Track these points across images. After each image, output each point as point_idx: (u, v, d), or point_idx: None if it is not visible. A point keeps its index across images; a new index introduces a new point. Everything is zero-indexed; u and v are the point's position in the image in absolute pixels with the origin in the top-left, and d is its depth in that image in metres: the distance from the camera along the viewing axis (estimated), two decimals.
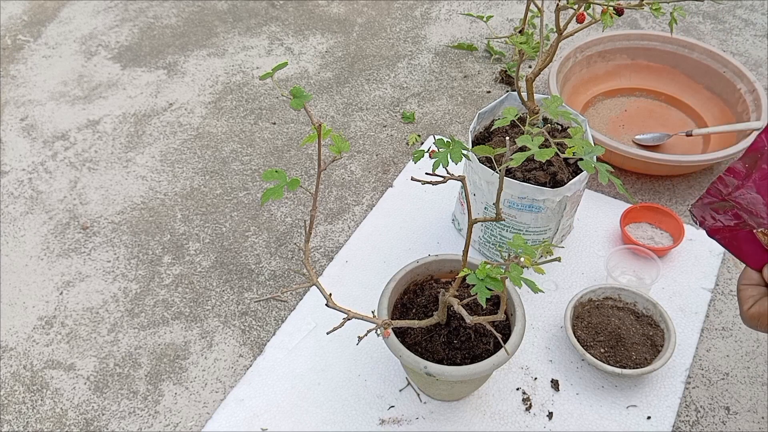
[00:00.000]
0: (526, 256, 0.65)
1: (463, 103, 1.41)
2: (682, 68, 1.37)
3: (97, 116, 1.41)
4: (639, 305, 0.99)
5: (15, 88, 1.48)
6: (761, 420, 0.92)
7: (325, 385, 0.95)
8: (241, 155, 1.31)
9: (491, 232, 1.05)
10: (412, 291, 0.92)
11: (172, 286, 1.09)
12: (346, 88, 1.46)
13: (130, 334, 1.03)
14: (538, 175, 0.98)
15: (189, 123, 1.39)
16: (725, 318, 1.03)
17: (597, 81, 1.39)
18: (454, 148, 0.64)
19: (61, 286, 1.10)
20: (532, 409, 0.92)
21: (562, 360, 0.97)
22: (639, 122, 1.34)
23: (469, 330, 0.86)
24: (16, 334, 1.03)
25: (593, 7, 0.91)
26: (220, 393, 0.96)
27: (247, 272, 1.11)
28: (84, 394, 0.96)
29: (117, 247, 1.15)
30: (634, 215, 1.14)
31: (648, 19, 1.64)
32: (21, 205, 1.23)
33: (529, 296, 1.02)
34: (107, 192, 1.25)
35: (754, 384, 0.96)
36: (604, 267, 1.07)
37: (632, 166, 1.20)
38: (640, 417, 0.91)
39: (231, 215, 1.20)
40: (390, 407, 0.93)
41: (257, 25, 1.65)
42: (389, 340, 0.81)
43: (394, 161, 1.29)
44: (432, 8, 1.69)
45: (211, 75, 1.51)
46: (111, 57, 1.56)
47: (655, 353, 0.94)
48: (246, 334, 1.02)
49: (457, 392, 0.91)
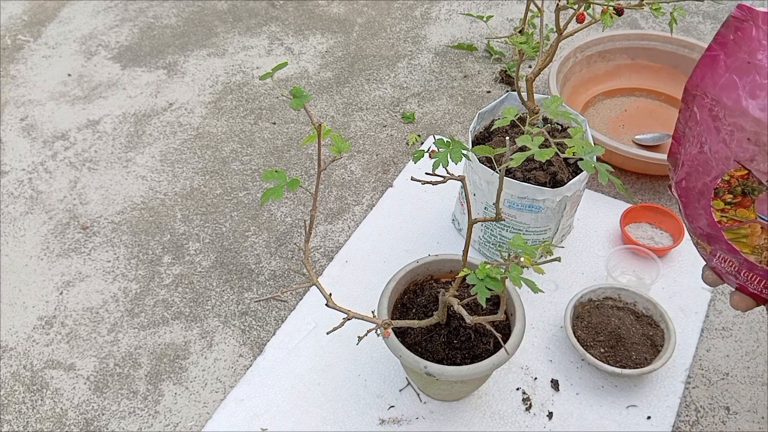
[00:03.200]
0: (526, 256, 0.65)
1: (463, 103, 1.41)
2: (682, 68, 1.36)
3: (97, 116, 1.41)
4: (639, 305, 0.99)
5: (15, 88, 1.48)
6: (761, 420, 0.92)
7: (325, 385, 0.95)
8: (241, 155, 1.31)
9: (491, 232, 1.05)
10: (412, 291, 0.92)
11: (172, 286, 1.09)
12: (346, 88, 1.46)
13: (130, 334, 1.03)
14: (538, 175, 0.98)
15: (189, 123, 1.39)
16: (725, 318, 1.03)
17: (597, 81, 1.39)
18: (454, 148, 0.64)
19: (61, 286, 1.10)
20: (532, 409, 0.92)
21: (562, 360, 0.97)
22: (639, 122, 1.34)
23: (469, 330, 0.86)
24: (16, 334, 1.03)
25: (593, 7, 0.91)
26: (220, 393, 0.96)
27: (247, 272, 1.11)
28: (84, 394, 0.96)
29: (117, 247, 1.15)
30: (634, 215, 1.14)
31: (648, 19, 1.64)
32: (21, 205, 1.23)
33: (529, 296, 1.02)
34: (107, 192, 1.25)
35: (754, 384, 0.96)
36: (604, 267, 1.07)
37: (632, 166, 1.20)
38: (640, 417, 0.91)
39: (231, 215, 1.20)
40: (390, 407, 0.93)
41: (257, 25, 1.65)
42: (389, 340, 0.81)
43: (394, 161, 1.29)
44: (432, 8, 1.69)
45: (211, 75, 1.51)
46: (111, 57, 1.56)
47: (655, 353, 0.94)
48: (246, 334, 1.02)
49: (457, 392, 0.91)
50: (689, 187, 0.59)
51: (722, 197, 0.56)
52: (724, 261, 0.61)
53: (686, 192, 0.60)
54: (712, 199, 0.57)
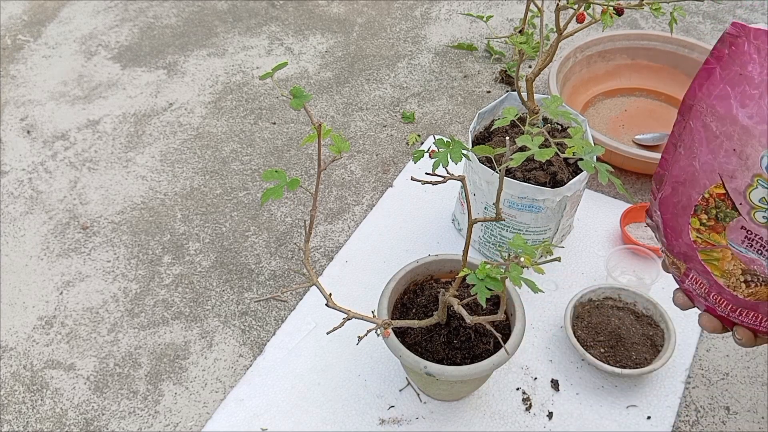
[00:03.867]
0: (526, 256, 0.65)
1: (463, 103, 1.41)
2: (682, 68, 1.37)
3: (97, 116, 1.41)
4: (639, 305, 0.99)
5: (15, 88, 1.48)
6: (761, 420, 0.92)
7: (325, 385, 0.95)
8: (241, 155, 1.31)
9: (491, 232, 1.05)
10: (412, 291, 0.92)
11: (172, 286, 1.09)
12: (346, 88, 1.46)
13: (130, 334, 1.03)
14: (538, 175, 0.98)
15: (189, 123, 1.39)
16: None
17: (597, 81, 1.39)
18: (454, 148, 0.64)
19: (61, 286, 1.10)
20: (532, 409, 0.92)
21: (562, 360, 0.97)
22: (639, 122, 1.34)
23: (469, 330, 0.86)
24: (16, 334, 1.03)
25: (593, 7, 0.91)
26: (220, 393, 0.96)
27: (247, 272, 1.11)
28: (84, 394, 0.96)
29: (117, 247, 1.15)
30: (634, 215, 1.14)
31: (648, 19, 1.64)
32: (21, 205, 1.23)
33: (529, 296, 1.02)
34: (107, 192, 1.25)
35: (754, 384, 0.96)
36: (604, 267, 1.07)
37: (632, 166, 1.20)
38: (640, 417, 0.91)
39: (231, 215, 1.20)
40: (390, 407, 0.93)
41: (257, 25, 1.65)
42: (389, 340, 0.81)
43: (394, 161, 1.29)
44: (432, 8, 1.69)
45: (211, 75, 1.51)
46: (111, 57, 1.56)
47: (655, 353, 0.94)
48: (246, 334, 1.02)
49: (457, 392, 0.91)
50: (674, 201, 0.62)
51: (699, 216, 0.59)
52: (696, 282, 0.64)
53: (670, 207, 0.62)
54: (691, 215, 0.60)
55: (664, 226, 0.64)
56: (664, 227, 0.64)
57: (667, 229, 0.64)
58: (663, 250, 0.66)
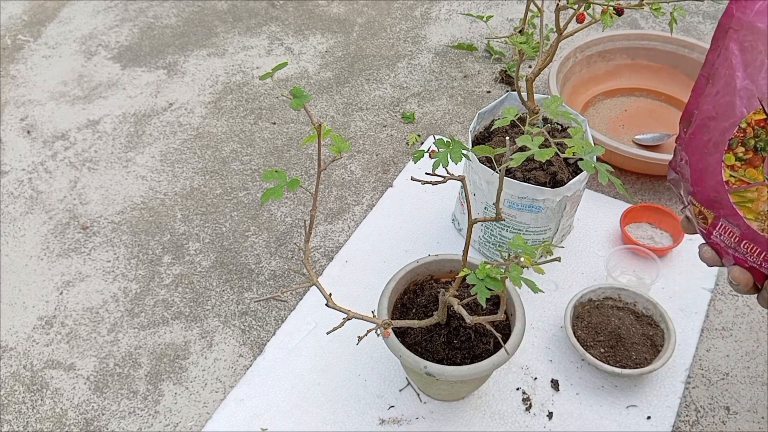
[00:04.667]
0: (526, 256, 0.65)
1: (463, 103, 1.41)
2: (682, 68, 1.37)
3: (97, 116, 1.41)
4: (639, 305, 0.99)
5: (15, 88, 1.48)
6: (761, 420, 0.92)
7: (325, 385, 0.95)
8: (241, 155, 1.31)
9: (491, 232, 1.05)
10: (412, 291, 0.92)
11: (172, 286, 1.09)
12: (346, 88, 1.46)
13: (130, 334, 1.03)
14: (538, 175, 0.98)
15: (189, 123, 1.39)
16: (725, 318, 1.03)
17: (597, 81, 1.39)
18: (454, 148, 0.64)
19: (61, 286, 1.10)
20: (532, 409, 0.92)
21: (562, 360, 0.97)
22: (639, 122, 1.34)
23: (469, 330, 0.86)
24: (16, 334, 1.03)
25: (593, 7, 0.91)
26: (220, 393, 0.96)
27: (247, 272, 1.11)
28: (84, 394, 0.96)
29: (117, 247, 1.15)
30: (634, 215, 1.14)
31: (648, 19, 1.64)
32: (21, 205, 1.23)
33: (529, 296, 1.02)
34: (107, 192, 1.25)
35: (754, 384, 0.96)
36: (604, 267, 1.07)
37: (632, 166, 1.20)
38: (640, 417, 0.91)
39: (231, 215, 1.20)
40: (390, 407, 0.93)
41: (257, 25, 1.65)
42: (389, 340, 0.81)
43: (394, 161, 1.29)
44: (432, 8, 1.69)
45: (211, 75, 1.51)
46: (111, 57, 1.56)
47: (655, 353, 0.94)
48: (246, 334, 1.02)
49: (457, 392, 0.91)
50: (705, 140, 0.58)
51: (735, 150, 0.56)
52: (725, 231, 0.59)
53: (700, 147, 0.59)
54: (724, 152, 0.56)
55: (692, 171, 0.60)
56: (691, 172, 0.60)
57: (694, 174, 0.60)
58: (688, 202, 0.62)
